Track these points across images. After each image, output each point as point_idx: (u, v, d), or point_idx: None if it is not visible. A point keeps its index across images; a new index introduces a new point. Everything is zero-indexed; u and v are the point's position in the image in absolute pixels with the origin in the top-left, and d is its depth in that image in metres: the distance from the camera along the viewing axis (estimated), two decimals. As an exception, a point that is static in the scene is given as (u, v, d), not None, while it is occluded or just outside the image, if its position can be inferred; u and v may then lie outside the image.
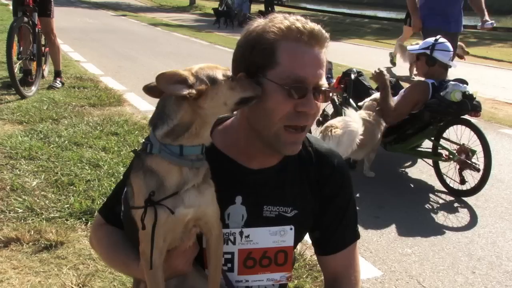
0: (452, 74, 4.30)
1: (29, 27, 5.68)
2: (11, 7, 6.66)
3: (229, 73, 1.25)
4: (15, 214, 2.97)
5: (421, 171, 4.40)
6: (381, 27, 20.31)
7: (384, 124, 4.14)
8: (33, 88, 5.80)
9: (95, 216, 1.54)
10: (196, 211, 1.23)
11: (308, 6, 29.35)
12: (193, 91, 1.16)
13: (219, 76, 1.21)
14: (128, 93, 6.40)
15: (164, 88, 1.16)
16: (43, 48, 6.24)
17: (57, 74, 6.38)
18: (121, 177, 1.60)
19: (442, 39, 4.13)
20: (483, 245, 3.20)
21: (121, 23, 16.50)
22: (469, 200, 3.90)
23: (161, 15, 21.49)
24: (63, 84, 6.38)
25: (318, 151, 1.50)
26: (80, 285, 2.37)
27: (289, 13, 1.37)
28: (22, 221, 2.90)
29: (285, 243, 1.45)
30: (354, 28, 19.34)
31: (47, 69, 6.82)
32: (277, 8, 20.14)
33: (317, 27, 1.32)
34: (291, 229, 1.45)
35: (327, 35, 1.33)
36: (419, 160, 4.55)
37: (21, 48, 5.85)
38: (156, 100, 1.24)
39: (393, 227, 3.37)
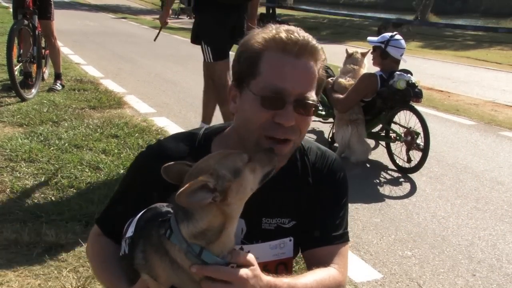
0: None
1: (29, 29, 5.69)
2: (11, 10, 6.66)
3: (245, 155, 1.15)
4: (15, 216, 2.97)
5: (420, 173, 4.39)
6: (381, 29, 20.32)
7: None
8: (33, 91, 5.81)
9: (94, 226, 1.53)
10: None
11: (308, 8, 29.39)
12: (217, 194, 1.05)
13: (239, 164, 1.11)
14: (128, 95, 6.37)
15: (187, 204, 1.04)
16: (43, 50, 6.25)
17: (57, 76, 6.39)
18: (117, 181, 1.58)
19: (398, 36, 4.58)
20: (483, 248, 3.20)
21: (121, 26, 16.52)
22: (469, 202, 3.90)
23: (161, 17, 21.48)
24: (63, 86, 6.38)
25: (314, 157, 1.48)
26: (80, 287, 2.37)
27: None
28: (22, 223, 2.90)
29: (285, 255, 1.42)
30: (354, 30, 19.36)
31: (47, 71, 6.82)
32: (278, 10, 20.16)
33: (305, 37, 1.27)
34: (290, 240, 1.43)
35: (317, 46, 1.28)
36: (424, 164, 4.51)
37: (21, 50, 5.86)
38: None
39: (393, 230, 3.37)
